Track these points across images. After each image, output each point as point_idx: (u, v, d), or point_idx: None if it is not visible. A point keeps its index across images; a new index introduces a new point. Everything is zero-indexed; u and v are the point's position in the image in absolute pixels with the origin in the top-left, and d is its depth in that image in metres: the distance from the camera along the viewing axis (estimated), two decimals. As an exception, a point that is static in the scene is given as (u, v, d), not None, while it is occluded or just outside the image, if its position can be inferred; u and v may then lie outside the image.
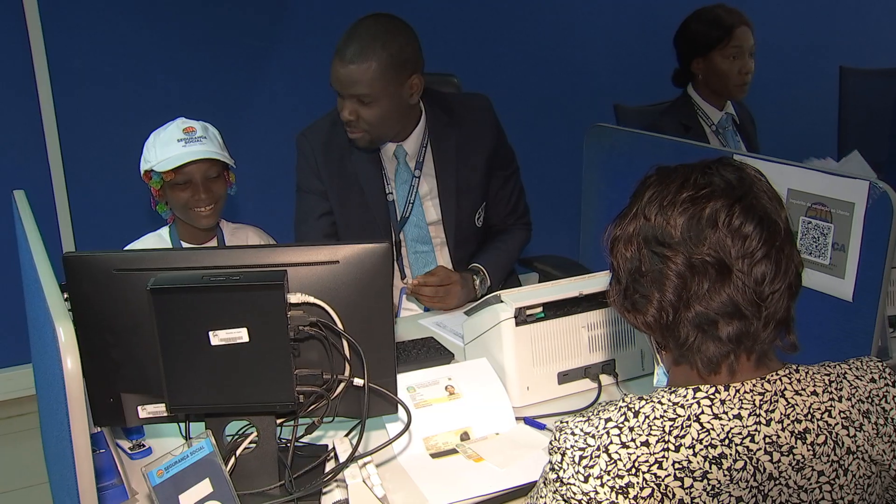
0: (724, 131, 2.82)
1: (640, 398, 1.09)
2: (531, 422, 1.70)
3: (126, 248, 2.16)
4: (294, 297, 1.36)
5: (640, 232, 1.11)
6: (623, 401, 1.10)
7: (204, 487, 1.33)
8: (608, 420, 1.08)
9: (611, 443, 1.05)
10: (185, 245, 2.14)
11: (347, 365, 1.41)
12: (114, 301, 1.38)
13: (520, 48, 4.11)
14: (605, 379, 1.83)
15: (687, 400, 1.08)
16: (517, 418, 1.70)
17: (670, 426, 1.06)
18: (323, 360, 1.42)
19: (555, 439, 1.10)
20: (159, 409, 1.43)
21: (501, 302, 1.77)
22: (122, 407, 1.43)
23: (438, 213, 2.32)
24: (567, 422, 1.10)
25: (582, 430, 1.08)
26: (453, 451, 1.61)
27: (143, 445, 1.62)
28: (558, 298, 1.80)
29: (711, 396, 1.08)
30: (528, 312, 1.76)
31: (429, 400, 1.67)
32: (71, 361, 1.03)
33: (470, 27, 4.00)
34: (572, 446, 1.07)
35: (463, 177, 2.31)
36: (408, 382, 1.68)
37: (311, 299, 1.37)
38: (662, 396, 1.09)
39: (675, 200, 1.09)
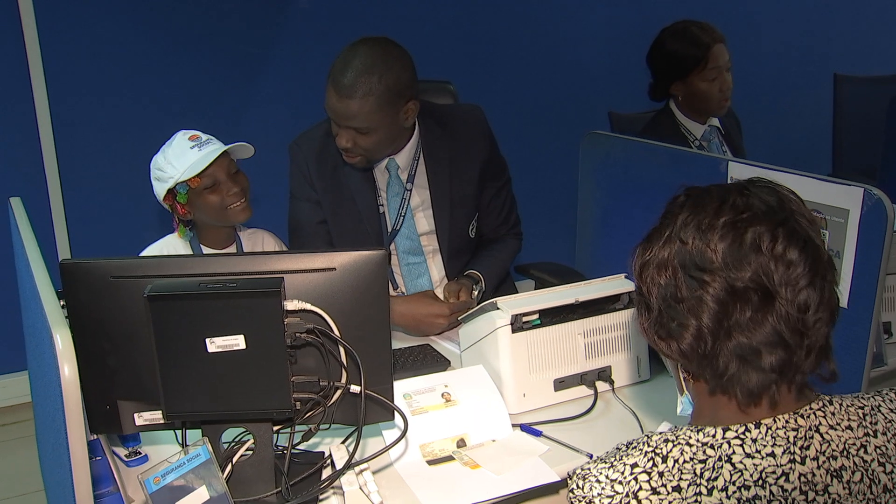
0: (708, 145, 2.81)
1: (666, 440, 1.04)
2: (527, 428, 1.70)
3: (146, 249, 2.15)
4: (291, 304, 1.36)
5: (677, 256, 1.06)
6: (647, 445, 1.05)
7: (200, 495, 1.33)
8: (634, 465, 1.03)
9: (640, 489, 1.01)
10: (205, 249, 2.13)
11: (344, 372, 1.41)
12: (110, 308, 1.38)
13: (516, 56, 4.13)
14: (601, 386, 1.84)
15: (716, 440, 1.03)
16: (513, 425, 1.71)
17: (701, 468, 1.01)
18: (320, 367, 1.42)
19: (577, 487, 1.04)
20: (156, 416, 1.43)
21: (498, 309, 1.78)
22: (119, 414, 1.43)
23: (430, 225, 2.32)
24: (588, 468, 1.05)
25: (607, 476, 1.03)
26: (450, 458, 1.61)
27: (140, 453, 1.62)
28: (554, 305, 1.80)
29: (742, 435, 1.03)
30: (525, 319, 1.77)
31: (425, 407, 1.67)
32: (68, 368, 1.03)
33: (466, 35, 4.01)
34: (599, 494, 1.02)
35: (457, 188, 2.31)
36: (404, 389, 1.68)
37: (308, 306, 1.37)
38: (690, 437, 1.04)
39: (713, 224, 1.04)
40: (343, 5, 3.69)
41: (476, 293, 2.26)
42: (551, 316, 1.80)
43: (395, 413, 1.47)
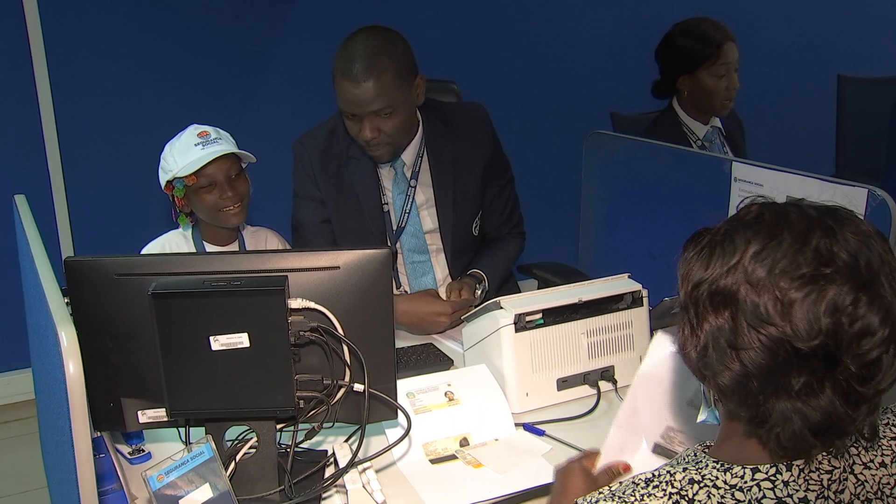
0: (710, 145, 2.81)
1: (691, 480, 0.97)
2: (530, 428, 1.70)
3: (149, 244, 2.16)
4: (295, 303, 1.36)
5: (741, 298, 0.93)
6: (671, 485, 0.97)
7: (204, 493, 1.33)
8: None
9: None
10: (207, 246, 2.13)
11: (348, 370, 1.42)
12: (115, 306, 1.38)
13: (519, 56, 4.13)
14: (604, 385, 1.84)
15: (745, 482, 0.96)
16: (516, 424, 1.71)
17: None
18: (323, 366, 1.42)
19: None
20: (159, 413, 1.43)
21: (501, 308, 1.78)
22: (122, 411, 1.43)
23: (435, 223, 2.33)
24: None
25: None
26: (452, 457, 1.61)
27: (143, 450, 1.62)
28: (557, 305, 1.80)
29: (773, 477, 0.96)
30: (528, 319, 1.77)
31: (428, 406, 1.67)
32: (73, 366, 1.03)
33: (470, 35, 4.01)
34: None
35: (460, 186, 2.31)
36: (407, 388, 1.68)
37: (312, 305, 1.37)
38: (717, 478, 0.97)
39: (790, 272, 0.91)
40: (346, 5, 3.70)
41: (479, 292, 2.26)
42: (554, 315, 1.80)
43: (399, 412, 1.47)
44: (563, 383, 1.81)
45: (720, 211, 2.01)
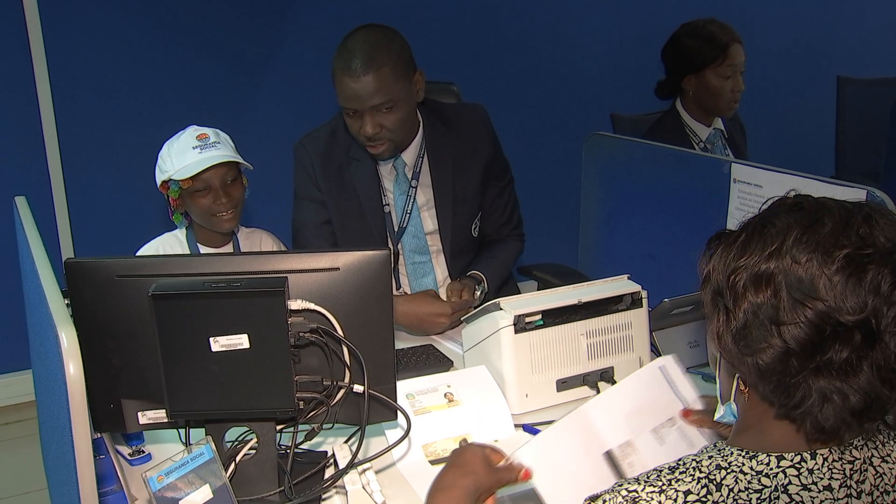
0: (712, 147, 2.82)
1: (718, 466, 1.01)
2: (530, 429, 1.71)
3: (143, 247, 2.16)
4: (295, 304, 1.37)
5: (784, 275, 0.97)
6: (699, 471, 1.00)
7: (204, 493, 1.33)
8: (688, 493, 0.98)
9: None
10: (201, 248, 2.14)
11: (347, 371, 1.42)
12: (115, 307, 1.38)
13: (519, 57, 4.13)
14: (604, 386, 1.84)
15: (771, 469, 0.99)
16: (516, 425, 1.71)
17: (757, 498, 0.98)
18: (323, 367, 1.42)
19: None
20: (159, 414, 1.43)
21: (500, 309, 1.78)
22: (123, 413, 1.43)
23: (435, 224, 2.33)
24: (636, 491, 0.99)
25: (660, 502, 0.98)
26: (452, 458, 1.61)
27: (143, 451, 1.62)
28: (557, 306, 1.80)
29: (797, 465, 0.99)
30: (527, 320, 1.77)
31: (428, 407, 1.67)
32: (73, 367, 1.03)
33: (470, 36, 4.02)
34: None
35: (460, 187, 2.32)
36: (407, 389, 1.69)
37: (312, 306, 1.38)
38: (743, 464, 1.00)
39: (832, 252, 0.95)
40: (346, 5, 3.70)
41: (478, 294, 2.26)
42: (554, 317, 1.80)
43: (398, 413, 1.47)
44: (563, 384, 1.81)
45: (719, 212, 2.01)
